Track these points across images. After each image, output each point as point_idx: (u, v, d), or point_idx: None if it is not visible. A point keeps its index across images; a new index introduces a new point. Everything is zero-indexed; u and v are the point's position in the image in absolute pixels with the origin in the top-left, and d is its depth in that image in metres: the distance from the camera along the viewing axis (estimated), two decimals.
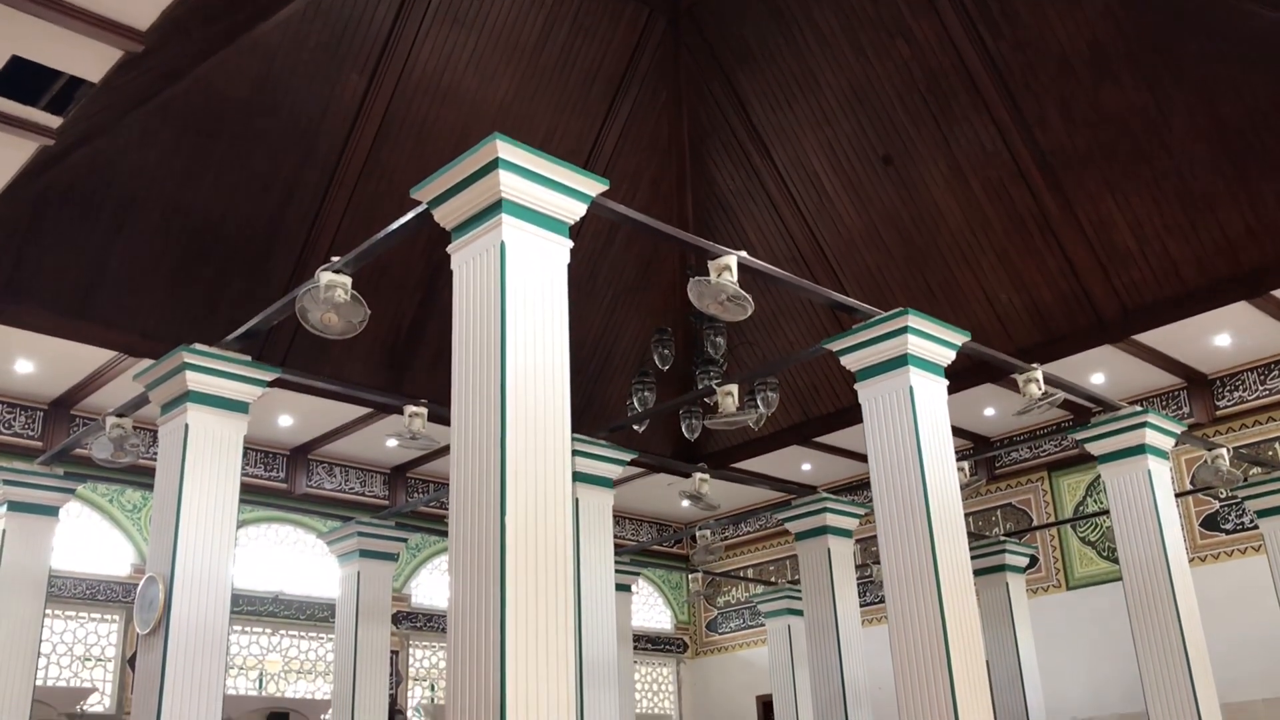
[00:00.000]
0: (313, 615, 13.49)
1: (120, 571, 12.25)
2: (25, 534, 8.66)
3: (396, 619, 13.63)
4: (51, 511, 8.84)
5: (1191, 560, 10.73)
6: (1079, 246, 11.43)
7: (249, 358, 7.13)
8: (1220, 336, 11.84)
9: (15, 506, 8.67)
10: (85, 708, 11.63)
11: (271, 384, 7.33)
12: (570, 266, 5.18)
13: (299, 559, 13.78)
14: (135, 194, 10.28)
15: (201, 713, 6.43)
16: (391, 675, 12.73)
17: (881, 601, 9.14)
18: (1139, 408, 8.91)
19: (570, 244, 5.17)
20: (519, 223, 4.96)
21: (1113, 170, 10.97)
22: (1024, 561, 12.60)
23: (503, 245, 4.88)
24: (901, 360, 6.91)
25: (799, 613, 12.56)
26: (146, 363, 7.69)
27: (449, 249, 5.17)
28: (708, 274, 5.92)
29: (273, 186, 10.95)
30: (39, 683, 10.58)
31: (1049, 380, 7.90)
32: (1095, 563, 13.38)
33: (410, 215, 5.55)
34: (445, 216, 5.18)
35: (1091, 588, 13.25)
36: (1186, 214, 10.84)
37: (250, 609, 12.97)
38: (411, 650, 14.38)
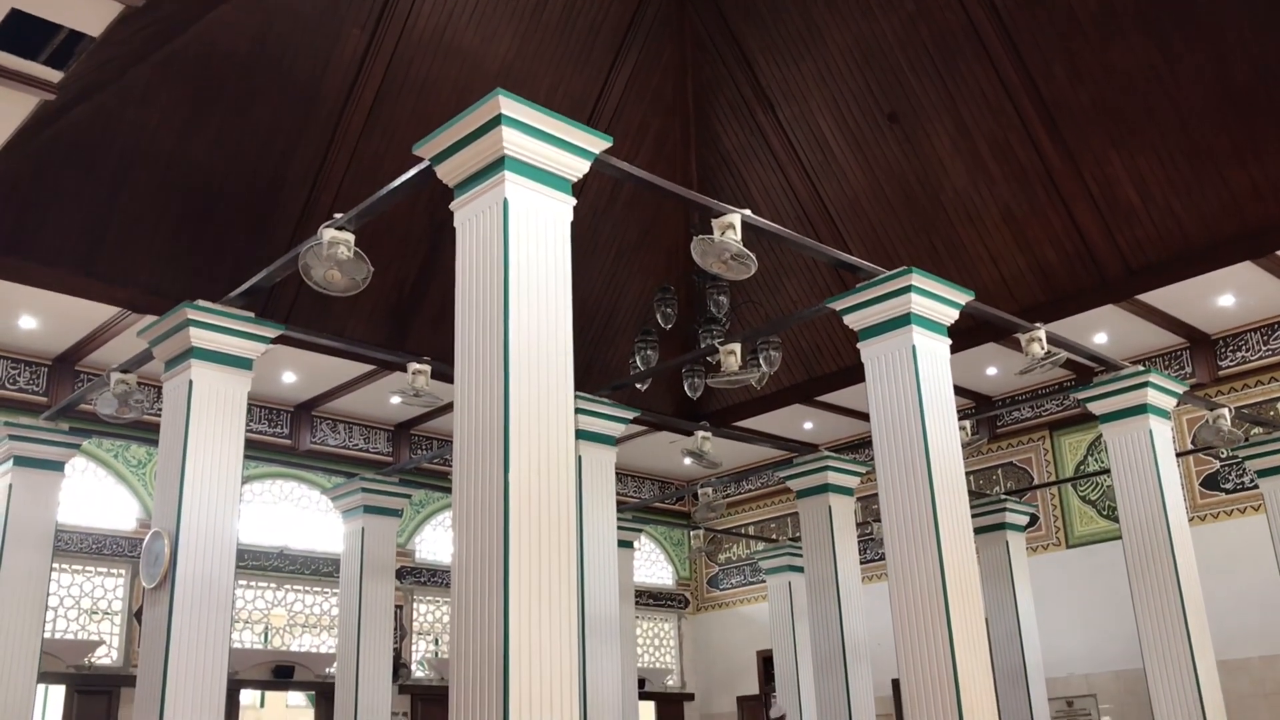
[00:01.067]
0: (317, 570, 13.60)
1: (126, 526, 12.33)
2: (31, 489, 8.72)
3: (400, 574, 13.74)
4: (57, 467, 8.89)
5: (1191, 519, 10.77)
6: (1083, 205, 11.39)
7: (252, 314, 7.14)
8: (1224, 296, 11.81)
9: (21, 461, 8.72)
10: (93, 660, 11.77)
11: (275, 341, 7.33)
12: (573, 224, 5.17)
13: (303, 515, 13.87)
14: (137, 150, 10.25)
15: (208, 666, 6.51)
16: (396, 629, 12.84)
17: (882, 559, 9.20)
18: (1141, 367, 8.92)
19: (573, 201, 5.15)
20: (522, 180, 4.94)
21: (1119, 128, 10.90)
22: (1024, 520, 12.66)
23: (505, 202, 4.87)
24: (904, 319, 6.91)
25: (799, 569, 12.65)
26: (150, 319, 7.69)
27: (451, 206, 5.16)
28: (711, 232, 5.91)
29: (274, 143, 10.91)
30: (47, 636, 10.69)
31: (1052, 340, 7.90)
32: (1095, 521, 13.45)
33: (412, 172, 5.53)
34: (447, 173, 5.16)
35: (1091, 546, 13.33)
36: (1193, 172, 10.78)
37: (255, 564, 13.07)
38: (415, 605, 14.50)
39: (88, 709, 11.64)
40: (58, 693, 12.04)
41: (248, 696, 15.32)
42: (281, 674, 13.02)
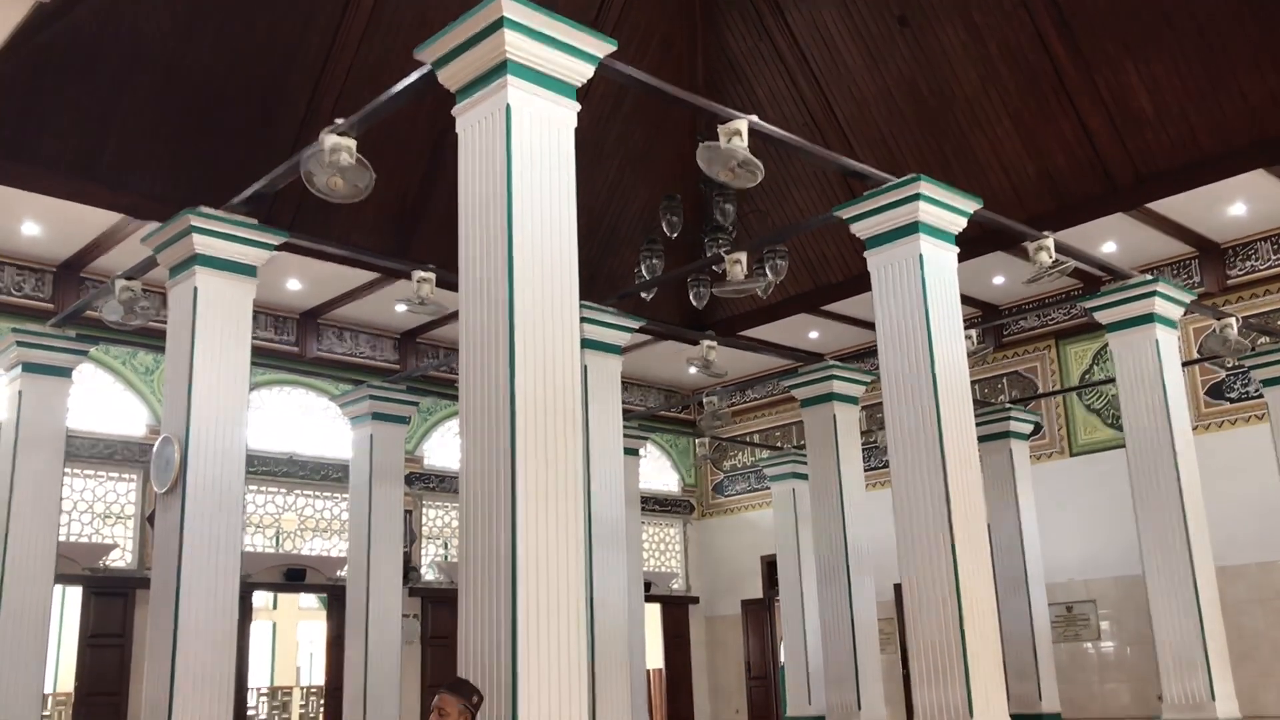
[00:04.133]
0: (327, 475, 13.76)
1: (136, 432, 12.45)
2: (40, 395, 8.80)
3: (409, 480, 13.87)
4: (65, 373, 8.96)
5: (1195, 428, 10.81)
6: (1095, 111, 11.21)
7: (255, 221, 7.11)
8: (1235, 205, 11.69)
9: (29, 368, 8.78)
10: (107, 563, 11.99)
11: (279, 248, 7.32)
12: (577, 131, 5.11)
13: (311, 421, 13.98)
14: (136, 54, 10.10)
15: (220, 568, 6.63)
16: (405, 534, 13.03)
17: (885, 466, 9.25)
18: (1149, 276, 8.88)
19: (577, 107, 5.09)
20: (525, 84, 4.88)
21: (1133, 32, 10.68)
22: (1028, 428, 12.74)
23: (508, 108, 4.81)
24: (912, 228, 6.87)
25: (804, 476, 12.78)
26: (153, 225, 7.66)
27: (454, 112, 5.10)
28: (718, 139, 5.85)
29: (275, 47, 10.73)
30: (62, 539, 10.87)
31: (1060, 248, 7.86)
32: (1099, 430, 13.52)
33: (413, 76, 5.46)
34: (450, 78, 5.09)
35: (1094, 454, 13.41)
36: (1208, 78, 10.59)
37: (265, 469, 13.21)
38: (425, 510, 14.69)
39: (104, 610, 11.89)
40: (75, 594, 12.30)
41: (260, 599, 15.63)
42: (293, 577, 13.26)
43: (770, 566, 15.98)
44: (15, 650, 8.21)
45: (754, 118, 5.99)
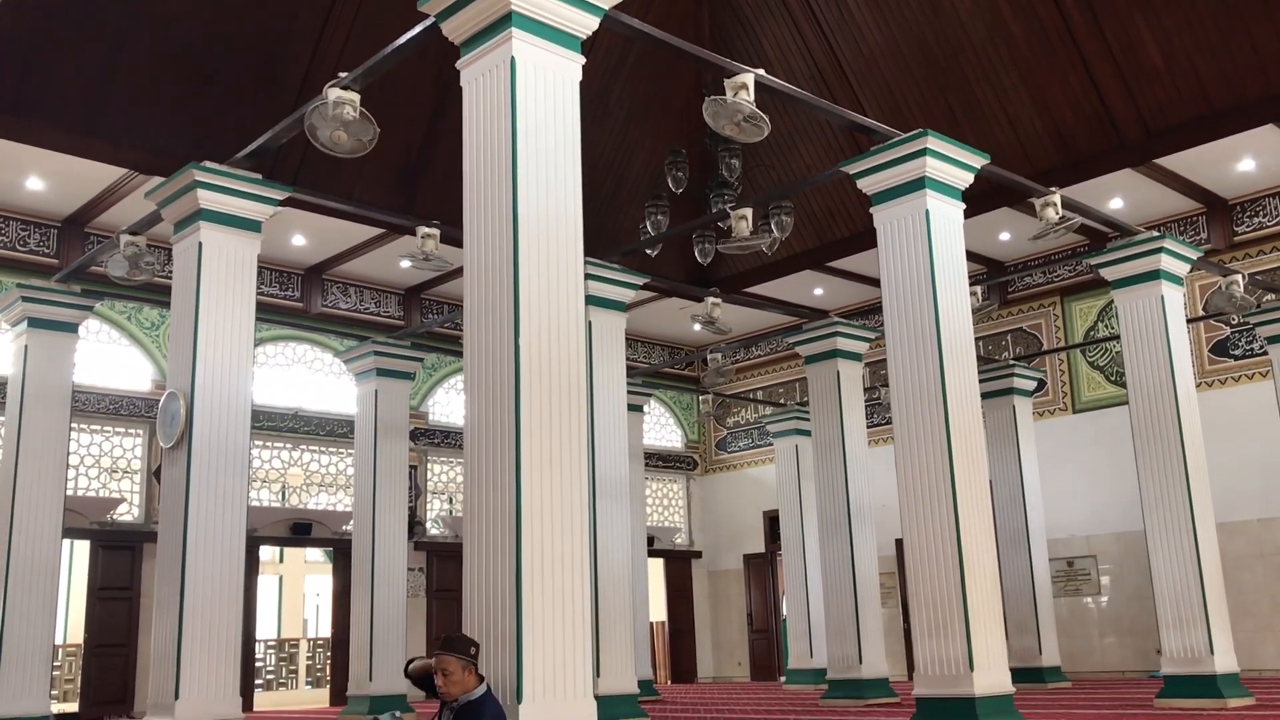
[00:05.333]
0: (332, 431, 13.81)
1: (142, 387, 12.49)
2: (46, 350, 8.83)
3: (414, 435, 13.94)
4: (71, 328, 8.98)
5: (1199, 385, 10.82)
6: (1104, 65, 11.11)
7: (259, 176, 7.09)
8: (1244, 161, 11.62)
9: (35, 323, 8.80)
10: (115, 517, 12.08)
11: (283, 203, 7.30)
12: (582, 85, 5.08)
13: (316, 377, 14.01)
14: (138, 7, 10.01)
15: (227, 522, 6.67)
16: (411, 489, 13.11)
17: (888, 423, 9.28)
18: (1156, 233, 8.85)
19: (582, 60, 5.05)
20: (529, 37, 4.84)
21: None
22: (1032, 385, 12.76)
23: (513, 61, 4.77)
24: (919, 183, 6.84)
25: (806, 433, 12.82)
26: (157, 180, 7.64)
27: (458, 65, 5.06)
28: (724, 93, 5.81)
29: (278, 1, 10.65)
30: (69, 493, 10.95)
31: (1067, 204, 7.83)
32: (1103, 387, 13.53)
33: (417, 29, 5.42)
34: (454, 31, 5.04)
35: (1098, 411, 13.43)
36: (1219, 32, 10.48)
37: (271, 425, 13.27)
38: (430, 465, 14.76)
39: (112, 563, 12.00)
40: (83, 548, 12.40)
41: (266, 553, 15.75)
42: (299, 531, 13.36)
43: (772, 522, 16.08)
44: (25, 602, 8.30)
45: (760, 71, 5.95)
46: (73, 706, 11.63)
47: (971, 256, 10.62)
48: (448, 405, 15.14)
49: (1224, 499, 11.01)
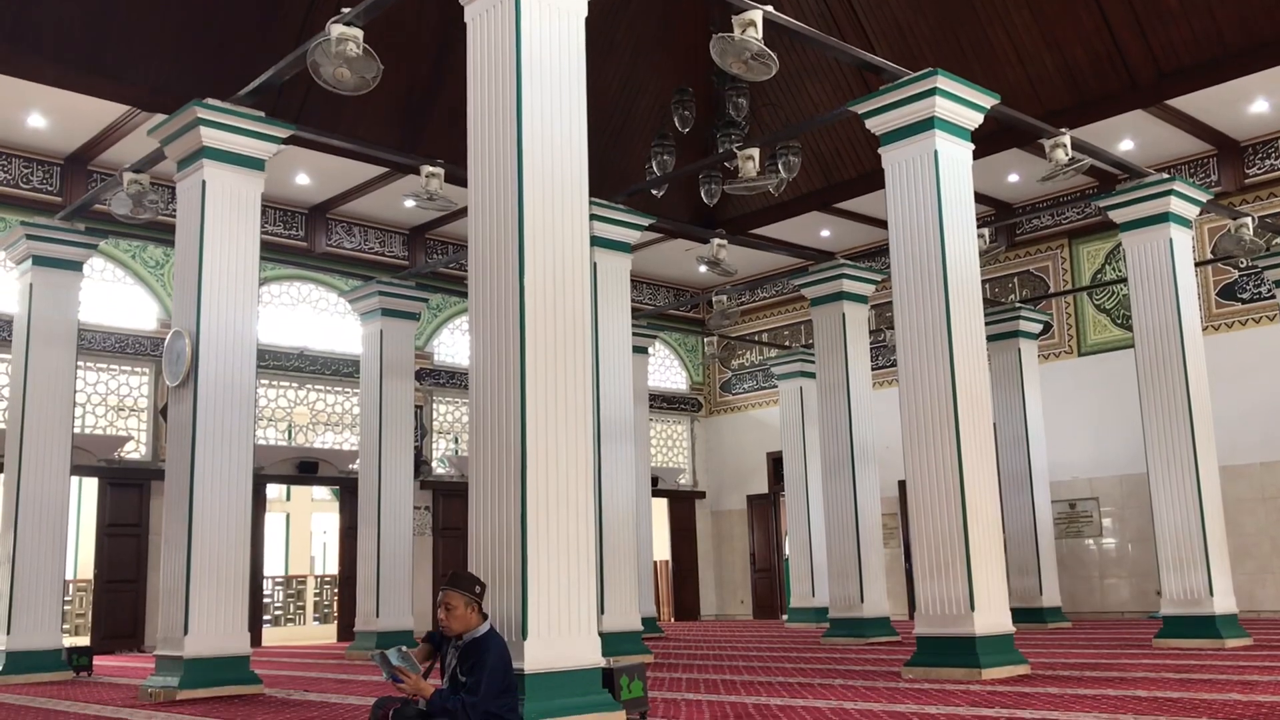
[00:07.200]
0: (338, 370, 13.85)
1: (147, 326, 12.51)
2: (51, 288, 8.83)
3: (420, 376, 13.98)
4: (75, 266, 8.97)
5: (1205, 329, 10.81)
6: (1118, 3, 10.92)
7: (262, 114, 7.04)
8: (1256, 102, 11.48)
9: (40, 261, 8.79)
10: (122, 455, 12.16)
11: (286, 142, 7.26)
12: (588, 21, 5.01)
13: (321, 317, 14.02)
14: None
15: (234, 461, 6.72)
16: (416, 428, 13.16)
17: (892, 365, 9.31)
18: (1165, 175, 8.77)
19: None
20: None
21: None
22: (1037, 328, 12.74)
23: None
24: (928, 123, 6.78)
25: (811, 375, 12.84)
26: (160, 118, 7.59)
27: (461, 1, 5.00)
28: (731, 30, 5.74)
29: None
30: (77, 431, 11.02)
31: (1076, 145, 7.76)
32: (1109, 330, 13.50)
33: None
34: None
35: (1103, 354, 13.42)
36: None
37: (276, 364, 13.30)
38: (435, 405, 14.82)
39: (120, 500, 12.11)
40: (91, 485, 12.50)
41: (274, 491, 15.87)
42: (305, 469, 13.44)
43: (776, 463, 16.15)
44: (36, 538, 8.39)
45: (768, 8, 5.86)
46: (84, 640, 11.80)
47: (979, 198, 10.57)
48: (453, 346, 15.16)
49: (1227, 442, 11.03)
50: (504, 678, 3.99)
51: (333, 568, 15.83)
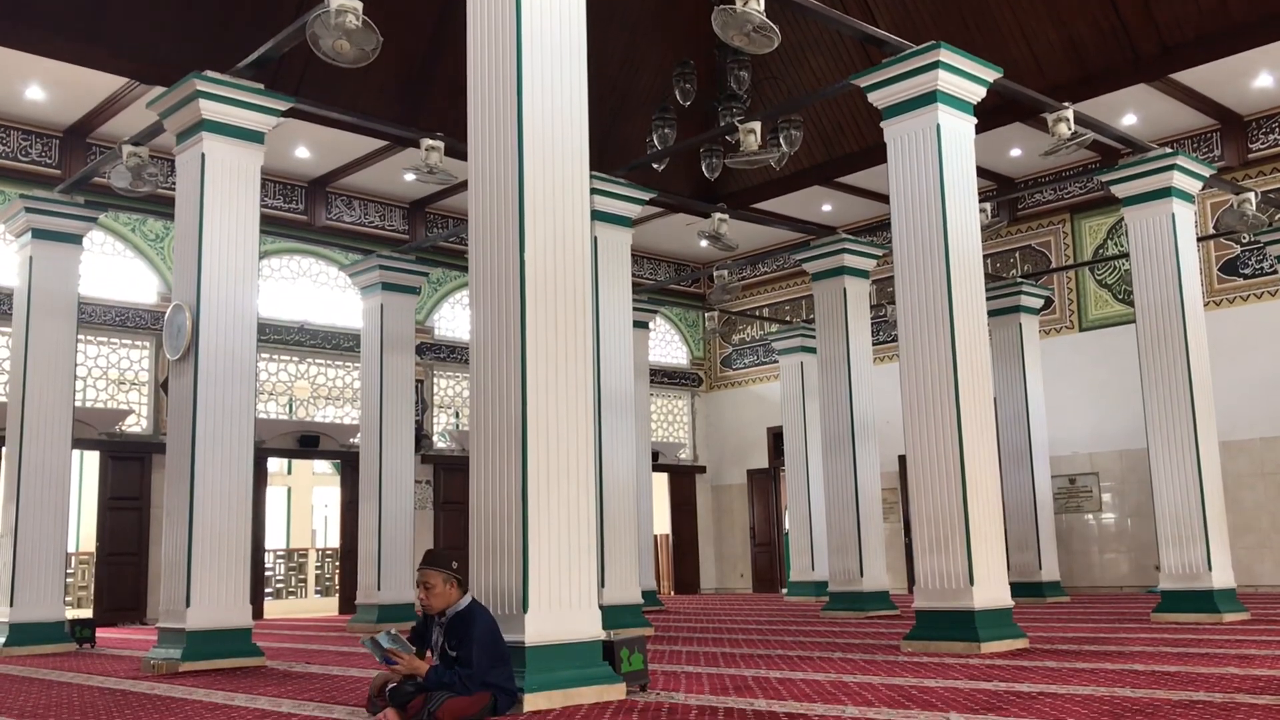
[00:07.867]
0: (338, 345, 13.85)
1: (148, 300, 12.50)
2: (51, 261, 8.81)
3: (420, 350, 13.98)
4: (75, 240, 8.95)
5: (1206, 304, 10.77)
6: None
7: (261, 86, 7.00)
8: (1261, 76, 11.42)
9: (39, 234, 8.77)
10: (124, 428, 12.17)
11: (286, 114, 7.23)
12: None
13: (322, 291, 14.00)
14: None
15: (235, 434, 6.73)
16: (417, 403, 13.17)
17: (893, 340, 9.30)
18: (1168, 150, 8.74)
19: None
20: None
21: None
22: (1039, 303, 12.72)
23: None
24: (930, 97, 6.74)
25: (812, 350, 12.83)
26: (159, 90, 7.55)
27: None
28: (733, 2, 5.70)
29: None
30: (78, 404, 11.02)
31: (1080, 120, 7.72)
32: (1110, 305, 13.49)
33: None
34: None
35: (1104, 330, 13.41)
36: None
37: (277, 338, 13.29)
38: (436, 379, 14.82)
39: (122, 473, 12.14)
40: (93, 458, 12.53)
41: (275, 464, 15.89)
42: (306, 443, 13.46)
43: (776, 438, 16.17)
44: (38, 512, 8.41)
45: None
46: (87, 612, 11.86)
47: (981, 173, 10.52)
48: (453, 320, 15.15)
49: (1227, 417, 11.04)
50: (494, 647, 4.03)
51: (334, 541, 15.89)
